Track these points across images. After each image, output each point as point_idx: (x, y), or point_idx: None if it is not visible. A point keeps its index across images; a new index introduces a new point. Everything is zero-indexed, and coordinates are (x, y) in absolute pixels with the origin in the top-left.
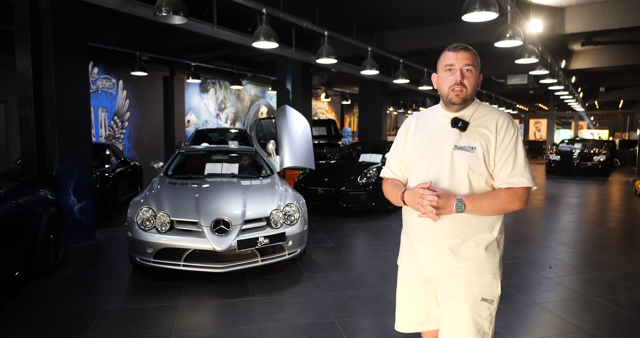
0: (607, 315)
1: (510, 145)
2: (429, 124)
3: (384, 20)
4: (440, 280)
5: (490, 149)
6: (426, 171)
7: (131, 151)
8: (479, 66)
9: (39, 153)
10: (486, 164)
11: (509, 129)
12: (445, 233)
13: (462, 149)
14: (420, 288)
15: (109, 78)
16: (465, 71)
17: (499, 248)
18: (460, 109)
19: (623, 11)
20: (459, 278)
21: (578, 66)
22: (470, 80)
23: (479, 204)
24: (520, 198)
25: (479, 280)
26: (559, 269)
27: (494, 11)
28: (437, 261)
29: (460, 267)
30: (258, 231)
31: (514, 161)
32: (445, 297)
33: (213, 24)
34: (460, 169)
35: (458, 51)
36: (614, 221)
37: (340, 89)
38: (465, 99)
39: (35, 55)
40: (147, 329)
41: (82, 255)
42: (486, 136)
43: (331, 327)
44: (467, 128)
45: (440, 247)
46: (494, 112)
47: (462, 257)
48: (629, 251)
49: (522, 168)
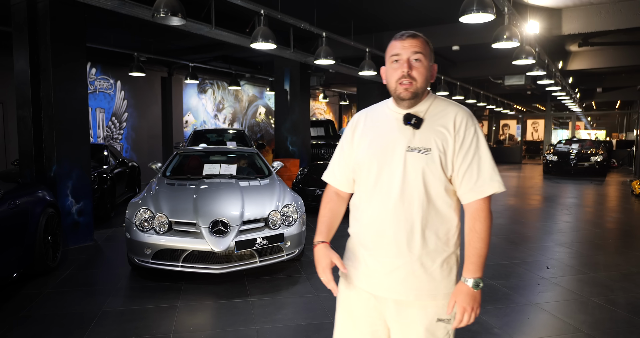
0: (603, 316)
1: (472, 147)
2: (380, 122)
3: (381, 21)
4: (390, 302)
5: (447, 151)
6: (376, 177)
7: (129, 152)
8: (430, 54)
9: (36, 154)
10: (443, 167)
11: (469, 128)
12: (397, 248)
13: (415, 151)
14: (365, 307)
15: (107, 79)
16: (414, 61)
17: (457, 264)
18: (412, 105)
19: (620, 12)
20: (413, 300)
21: (575, 67)
22: (420, 71)
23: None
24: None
25: (434, 301)
26: (556, 269)
27: (491, 13)
28: (389, 279)
29: (413, 288)
30: (256, 232)
31: (478, 165)
32: (395, 320)
33: (211, 25)
34: (414, 174)
35: (404, 38)
36: (611, 221)
37: (338, 89)
38: (415, 93)
39: (33, 56)
40: (146, 330)
41: (80, 256)
42: (443, 135)
43: (329, 327)
44: (422, 126)
45: (391, 263)
46: (452, 108)
47: (416, 277)
48: (625, 251)
49: (491, 172)
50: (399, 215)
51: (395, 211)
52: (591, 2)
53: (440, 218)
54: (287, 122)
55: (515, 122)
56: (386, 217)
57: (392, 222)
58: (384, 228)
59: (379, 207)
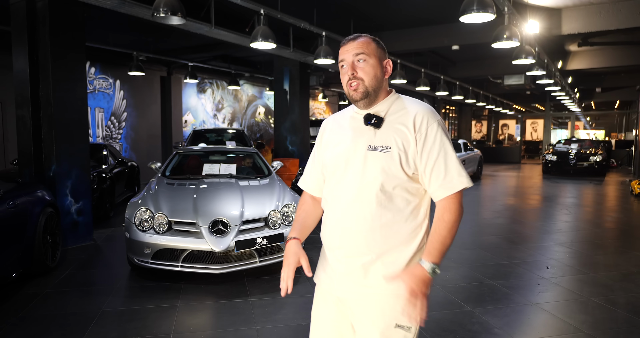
0: (604, 316)
1: (436, 145)
2: (345, 125)
3: (381, 20)
4: (351, 302)
5: (408, 150)
6: (339, 178)
7: (128, 152)
8: (377, 51)
9: (36, 153)
10: (402, 166)
11: (431, 125)
12: (357, 247)
13: (375, 150)
14: (333, 310)
15: (106, 78)
16: (357, 61)
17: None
18: (369, 104)
19: (619, 12)
20: (371, 300)
21: (574, 67)
22: (366, 70)
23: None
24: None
25: (394, 303)
26: (556, 269)
27: (491, 12)
28: (349, 280)
29: (372, 287)
30: (256, 232)
31: (444, 162)
32: (356, 323)
33: (211, 25)
34: (372, 172)
35: (346, 43)
36: (610, 221)
37: (338, 89)
38: (366, 92)
39: (33, 55)
40: (146, 330)
41: (80, 255)
42: (403, 134)
43: None
44: (382, 125)
45: (352, 263)
46: (412, 106)
47: (375, 276)
48: (625, 251)
49: (458, 168)
50: (358, 214)
51: (354, 210)
52: (591, 2)
53: (401, 217)
54: (286, 121)
55: (514, 122)
56: (346, 216)
57: (351, 221)
58: (345, 227)
59: (340, 207)
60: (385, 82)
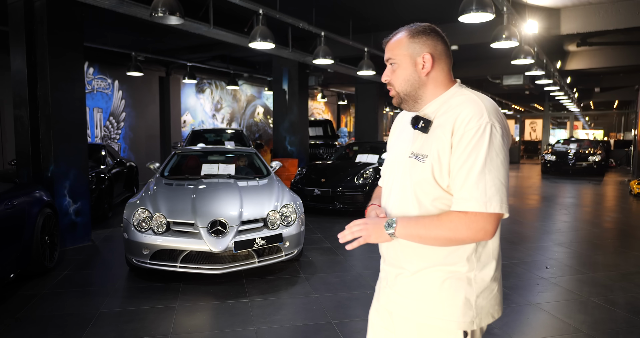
0: (603, 316)
1: (467, 151)
2: (406, 124)
3: (380, 20)
4: (392, 314)
5: (442, 158)
6: (385, 184)
7: (127, 152)
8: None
9: (34, 153)
10: (436, 178)
11: (470, 128)
12: (395, 260)
13: (415, 158)
14: (384, 315)
15: (105, 78)
16: (389, 66)
17: (471, 289)
18: (415, 108)
19: (618, 12)
20: (407, 316)
21: (573, 67)
22: (397, 74)
23: (414, 226)
24: (468, 225)
25: (429, 324)
26: (555, 269)
27: (490, 12)
28: (388, 292)
29: (407, 304)
30: (255, 232)
31: (466, 172)
32: (396, 336)
33: (209, 25)
34: (410, 183)
35: (384, 44)
36: (609, 221)
37: (337, 89)
38: (399, 98)
39: (30, 55)
40: (144, 331)
41: (78, 256)
42: (441, 140)
43: (329, 328)
44: (430, 128)
45: (392, 276)
46: (461, 105)
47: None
48: (624, 251)
49: (473, 184)
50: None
51: None
52: (590, 2)
53: None
54: (285, 122)
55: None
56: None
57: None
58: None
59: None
60: (431, 79)
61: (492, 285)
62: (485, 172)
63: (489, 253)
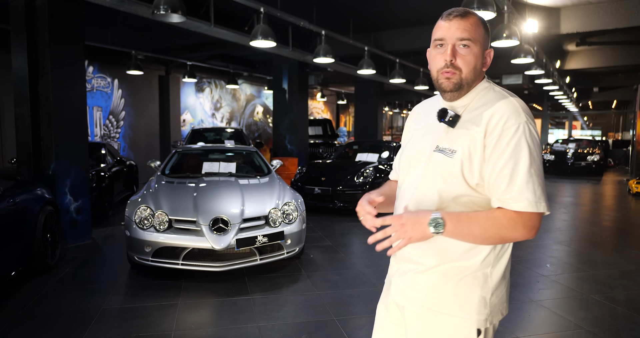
0: (604, 313)
1: (508, 150)
2: (427, 115)
3: (381, 19)
4: (405, 311)
5: (474, 157)
6: (404, 175)
7: (126, 151)
8: (482, 38)
9: (35, 151)
10: (464, 175)
11: (508, 128)
12: (411, 255)
13: (441, 152)
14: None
15: (104, 77)
16: (460, 47)
17: (485, 286)
18: (455, 98)
19: (617, 12)
20: (421, 314)
21: (572, 66)
22: (467, 59)
23: (466, 225)
24: (525, 224)
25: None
26: (555, 267)
27: (491, 11)
28: (402, 288)
29: (420, 300)
30: (257, 230)
31: (511, 172)
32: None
33: (210, 23)
34: (433, 178)
35: (452, 18)
36: (608, 220)
37: (336, 88)
38: (459, 84)
39: (32, 53)
40: (147, 328)
41: (79, 254)
42: (472, 137)
43: (331, 324)
44: (458, 123)
45: (406, 271)
46: (494, 102)
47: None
48: (623, 249)
49: (523, 184)
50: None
51: None
52: (590, 1)
53: None
54: (285, 121)
55: None
56: None
57: None
58: None
59: (400, 209)
60: (481, 75)
61: (502, 282)
62: (532, 172)
63: (505, 248)
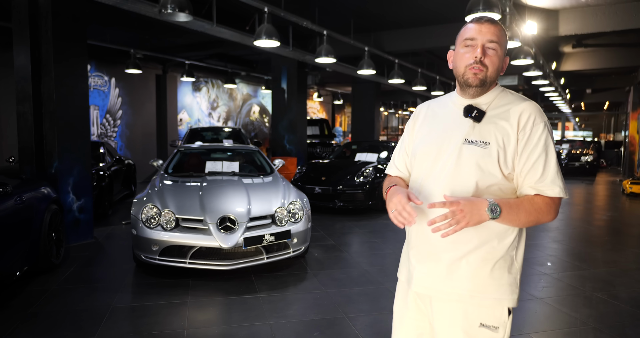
0: (608, 310)
1: (540, 145)
2: (441, 113)
3: (382, 20)
4: (432, 300)
5: (507, 148)
6: (428, 169)
7: (123, 150)
8: (505, 44)
9: (37, 150)
10: (500, 165)
11: (537, 125)
12: (443, 242)
13: (472, 144)
14: (412, 306)
15: (101, 76)
16: (489, 48)
17: (513, 268)
18: (477, 95)
19: (615, 14)
20: (453, 298)
21: (568, 68)
22: (493, 60)
23: (515, 210)
24: (556, 208)
25: (478, 304)
26: (556, 266)
27: (497, 12)
28: (430, 277)
29: (454, 287)
30: (264, 229)
31: (544, 164)
32: (435, 320)
33: (212, 22)
34: (467, 168)
35: (482, 23)
36: (605, 219)
37: (332, 89)
38: (484, 81)
39: (34, 51)
40: (159, 326)
41: (83, 253)
42: (505, 131)
43: (342, 322)
44: (483, 119)
45: (435, 260)
46: (519, 102)
47: (460, 275)
48: (622, 248)
49: (554, 174)
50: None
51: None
52: (588, 3)
53: None
54: (284, 120)
55: None
56: (433, 212)
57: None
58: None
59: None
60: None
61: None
62: (558, 164)
63: (524, 233)
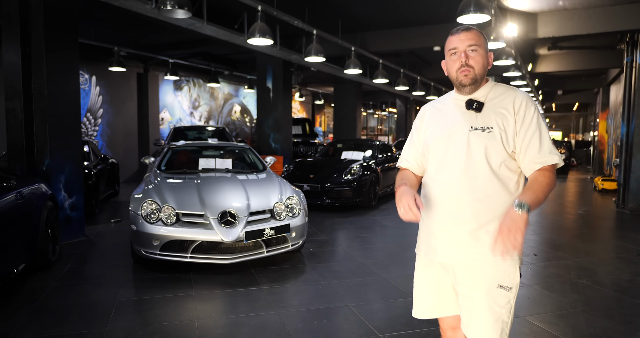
0: (594, 294)
1: (533, 124)
2: (444, 109)
3: (367, 21)
4: (455, 267)
5: (508, 130)
6: (442, 155)
7: (104, 149)
8: (485, 44)
9: (27, 147)
10: (504, 144)
11: (529, 108)
12: (463, 215)
13: (478, 130)
14: (435, 274)
15: (82, 74)
16: (470, 51)
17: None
18: (473, 91)
19: (590, 18)
20: (475, 264)
21: (542, 69)
22: (477, 60)
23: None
24: (555, 174)
25: (496, 267)
26: (540, 256)
27: (487, 14)
28: (454, 247)
29: (478, 253)
30: (263, 223)
31: (539, 139)
32: (460, 285)
33: (203, 20)
34: (478, 151)
35: (459, 33)
36: (581, 214)
37: (314, 88)
38: (474, 79)
39: (25, 47)
40: (168, 317)
41: (76, 250)
42: (503, 116)
43: (347, 310)
44: (483, 109)
45: (457, 232)
46: (511, 92)
47: (481, 242)
48: (601, 240)
49: (550, 146)
50: (464, 188)
51: (461, 184)
52: (565, 7)
53: (504, 190)
54: (269, 119)
55: None
56: (453, 190)
57: (458, 194)
58: (451, 200)
59: (445, 182)
60: (486, 71)
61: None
62: (550, 138)
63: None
